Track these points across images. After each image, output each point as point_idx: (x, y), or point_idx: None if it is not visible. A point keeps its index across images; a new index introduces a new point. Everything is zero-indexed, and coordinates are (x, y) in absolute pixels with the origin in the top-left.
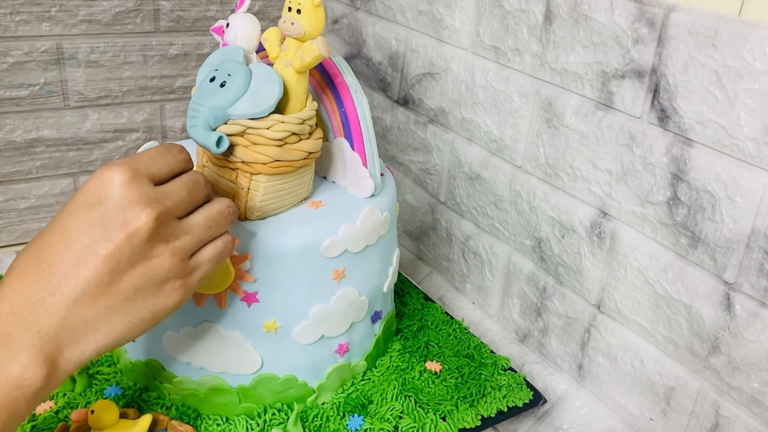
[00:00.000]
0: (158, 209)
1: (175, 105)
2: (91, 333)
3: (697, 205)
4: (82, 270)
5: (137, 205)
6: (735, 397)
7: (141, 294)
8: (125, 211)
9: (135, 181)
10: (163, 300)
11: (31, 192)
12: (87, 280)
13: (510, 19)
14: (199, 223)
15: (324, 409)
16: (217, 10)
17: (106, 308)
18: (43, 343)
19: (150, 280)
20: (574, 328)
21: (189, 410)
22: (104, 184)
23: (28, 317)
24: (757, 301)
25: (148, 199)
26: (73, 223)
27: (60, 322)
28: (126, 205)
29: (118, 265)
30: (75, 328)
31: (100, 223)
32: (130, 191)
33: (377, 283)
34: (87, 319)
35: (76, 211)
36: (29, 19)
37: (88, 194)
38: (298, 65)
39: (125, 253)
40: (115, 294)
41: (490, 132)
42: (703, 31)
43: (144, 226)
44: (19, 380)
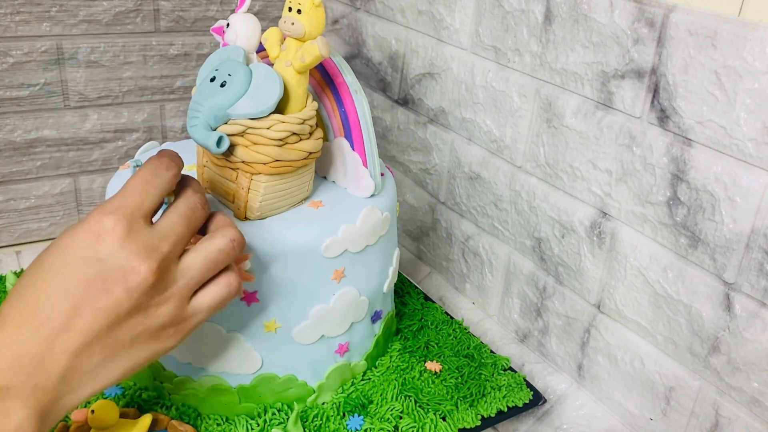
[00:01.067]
0: (157, 260)
1: (175, 105)
2: (87, 383)
3: (697, 205)
4: (81, 323)
5: (135, 258)
6: (735, 397)
7: (138, 342)
8: (124, 265)
9: (132, 232)
10: (158, 346)
11: (31, 192)
12: (85, 334)
13: (510, 19)
14: (196, 265)
15: (324, 409)
16: (217, 10)
17: (104, 359)
18: (39, 398)
19: (147, 329)
20: (574, 328)
21: (189, 410)
22: (100, 237)
23: (25, 371)
24: (757, 301)
25: (146, 250)
26: (69, 275)
27: (58, 376)
28: (124, 259)
29: (117, 317)
30: (72, 381)
31: (99, 278)
32: (127, 244)
33: (377, 283)
34: (84, 371)
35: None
36: (29, 19)
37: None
38: (298, 65)
39: (124, 307)
40: (113, 345)
41: (490, 132)
42: (703, 31)
43: (144, 281)
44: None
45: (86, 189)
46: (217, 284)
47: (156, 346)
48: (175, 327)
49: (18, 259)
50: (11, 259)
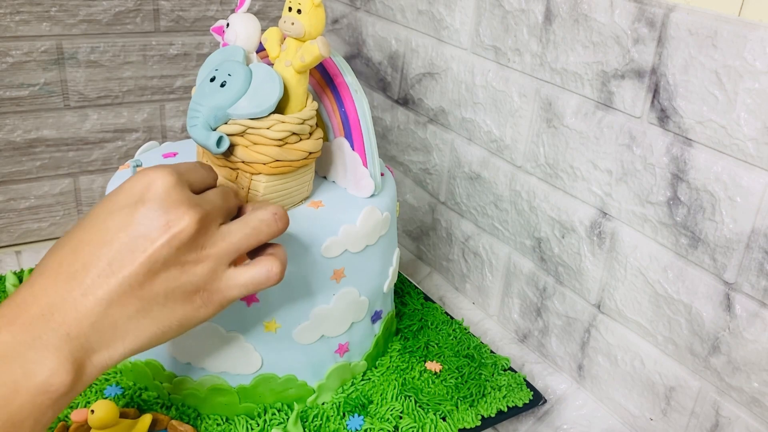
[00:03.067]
0: (201, 212)
1: (175, 105)
2: (120, 337)
3: (697, 205)
4: (118, 270)
5: (181, 206)
6: (735, 397)
7: (171, 300)
8: (169, 211)
9: (179, 185)
10: (190, 311)
11: (31, 192)
12: (122, 281)
13: (510, 19)
14: (236, 230)
15: (324, 409)
16: (217, 10)
17: (137, 311)
18: (72, 347)
19: (182, 286)
20: (574, 328)
21: (189, 410)
22: (148, 185)
23: (58, 320)
24: (757, 301)
25: (190, 202)
26: (112, 221)
27: (91, 326)
28: (170, 206)
29: (154, 266)
30: (105, 332)
31: (142, 223)
32: (174, 193)
33: (377, 283)
34: (117, 323)
35: (116, 210)
36: (29, 19)
37: (129, 194)
38: (298, 65)
39: (163, 255)
40: (147, 297)
41: (490, 132)
42: (703, 31)
43: (187, 228)
44: (46, 385)
45: (86, 189)
46: (257, 265)
47: (187, 310)
48: (208, 293)
49: (18, 259)
50: (11, 259)
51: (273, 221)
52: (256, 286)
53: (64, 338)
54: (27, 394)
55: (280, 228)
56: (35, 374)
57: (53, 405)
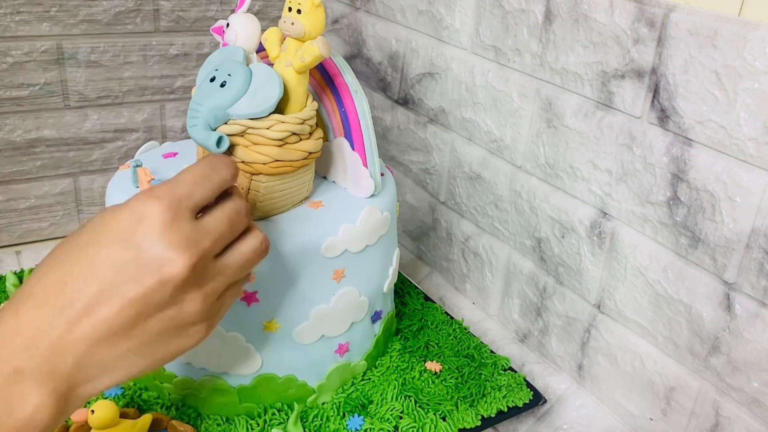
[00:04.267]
0: (197, 255)
1: (175, 105)
2: (107, 373)
3: (697, 205)
4: (106, 310)
5: (175, 250)
6: (735, 397)
7: (164, 337)
8: (162, 254)
9: (175, 222)
10: (185, 341)
11: (31, 192)
12: (110, 322)
13: (510, 19)
14: (233, 264)
15: (324, 409)
16: (217, 10)
17: (126, 350)
18: (56, 383)
19: (176, 325)
20: (574, 328)
21: (189, 410)
22: (141, 221)
23: (43, 354)
24: (757, 301)
25: (187, 243)
26: (101, 257)
27: (75, 363)
28: (163, 248)
29: (145, 309)
30: (90, 369)
31: (132, 264)
32: (168, 233)
33: (377, 283)
34: (104, 361)
35: (106, 245)
36: (29, 19)
37: (121, 229)
38: (298, 65)
39: (155, 299)
40: (138, 337)
41: (490, 132)
42: (703, 31)
43: (180, 274)
44: (28, 420)
45: (86, 189)
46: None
47: (183, 342)
48: (205, 323)
49: (18, 259)
50: (11, 259)
51: (261, 250)
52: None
53: (48, 374)
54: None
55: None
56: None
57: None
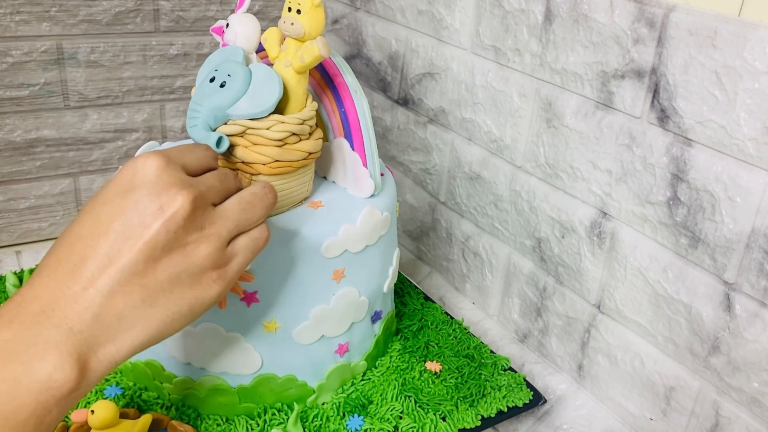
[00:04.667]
0: (194, 192)
1: (175, 105)
2: (126, 329)
3: (697, 205)
4: (117, 259)
5: (172, 188)
6: (735, 397)
7: (177, 285)
8: (161, 195)
9: (169, 167)
10: (200, 292)
11: (31, 192)
12: (122, 270)
13: (510, 19)
14: (233, 207)
15: (324, 409)
16: (217, 10)
17: (142, 300)
18: (75, 341)
19: (186, 270)
20: (574, 328)
21: (189, 410)
22: (137, 170)
23: (59, 314)
24: (757, 301)
25: (182, 183)
26: (105, 212)
27: (93, 318)
28: (161, 189)
29: (153, 252)
30: (109, 324)
31: (135, 209)
32: (164, 176)
33: (377, 283)
34: (122, 314)
35: (108, 200)
36: (29, 19)
37: (121, 183)
38: (298, 65)
39: (161, 240)
40: (151, 285)
41: (490, 132)
42: (703, 31)
43: (180, 209)
44: (49, 382)
45: (86, 189)
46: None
47: (197, 293)
48: (216, 271)
49: (18, 259)
50: (11, 259)
51: (264, 193)
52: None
53: (66, 333)
54: (29, 391)
55: (271, 200)
56: (37, 371)
57: (58, 404)
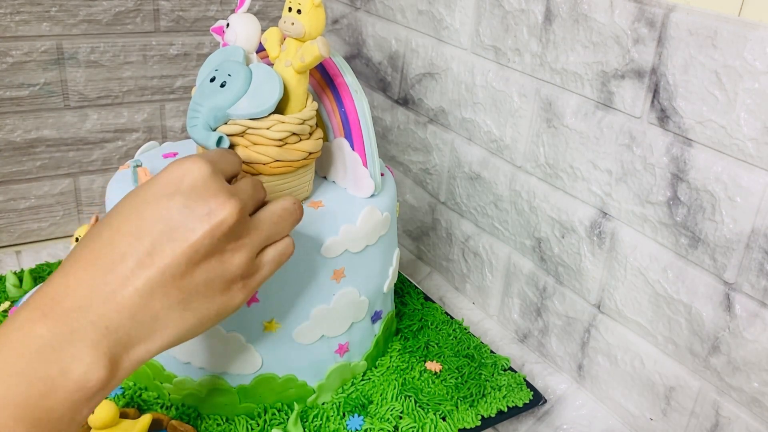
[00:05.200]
0: (240, 203)
1: (175, 105)
2: (159, 329)
3: (697, 205)
4: (159, 260)
5: (220, 196)
6: (735, 397)
7: (211, 290)
8: (209, 201)
9: (216, 174)
10: (228, 299)
11: (31, 192)
12: (163, 271)
13: (510, 19)
14: (266, 219)
15: (324, 409)
16: (217, 10)
17: (178, 303)
18: (110, 340)
19: (221, 276)
20: (574, 328)
21: (189, 410)
22: (186, 174)
23: (96, 311)
24: (757, 301)
25: (229, 191)
26: (149, 211)
27: (130, 317)
28: (210, 195)
29: (195, 256)
30: (144, 324)
31: (181, 213)
32: (211, 183)
33: (377, 283)
34: (158, 314)
35: (153, 200)
36: (29, 19)
37: (167, 184)
38: (298, 65)
39: (205, 245)
40: (188, 287)
41: (490, 132)
42: (703, 31)
43: (228, 217)
44: (83, 382)
45: (86, 189)
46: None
47: (226, 299)
48: (243, 280)
49: (18, 259)
50: (11, 259)
51: (293, 210)
52: (281, 257)
53: (102, 331)
54: (64, 390)
55: (298, 217)
56: (72, 370)
57: (88, 402)
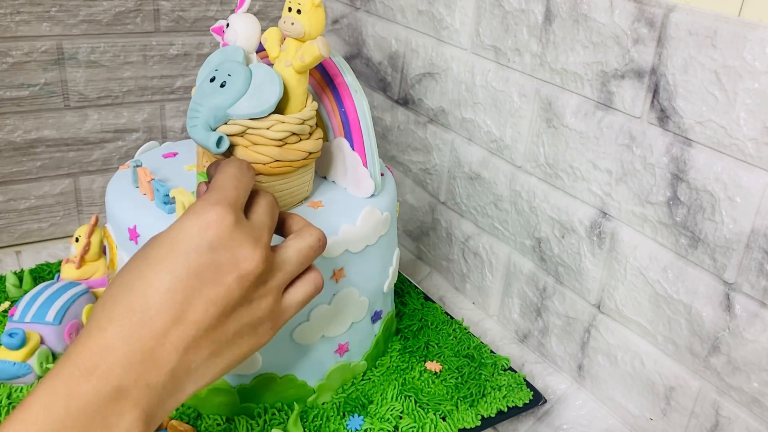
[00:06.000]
0: (265, 250)
1: (175, 105)
2: (193, 382)
3: (697, 205)
4: (191, 315)
5: (245, 246)
6: (735, 397)
7: (240, 337)
8: (236, 253)
9: (239, 222)
10: (256, 341)
11: (31, 192)
12: (197, 326)
13: (510, 19)
14: (292, 260)
15: (324, 409)
16: (217, 10)
17: (211, 353)
18: (150, 397)
19: (249, 323)
20: (574, 328)
21: (189, 410)
22: (209, 226)
23: (138, 369)
24: (757, 301)
25: (254, 239)
26: (180, 265)
27: (168, 373)
28: (237, 247)
29: (227, 308)
30: (180, 379)
31: (210, 267)
32: (237, 233)
33: (377, 283)
34: (191, 367)
35: (181, 253)
36: (29, 19)
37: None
38: (298, 65)
39: (235, 297)
40: (220, 339)
41: (490, 132)
42: (703, 31)
43: (256, 268)
44: None
45: (86, 189)
46: (305, 281)
47: (253, 342)
48: (271, 321)
49: (18, 259)
50: (11, 259)
51: (319, 247)
52: (308, 300)
53: (143, 390)
54: None
55: (322, 252)
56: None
57: None
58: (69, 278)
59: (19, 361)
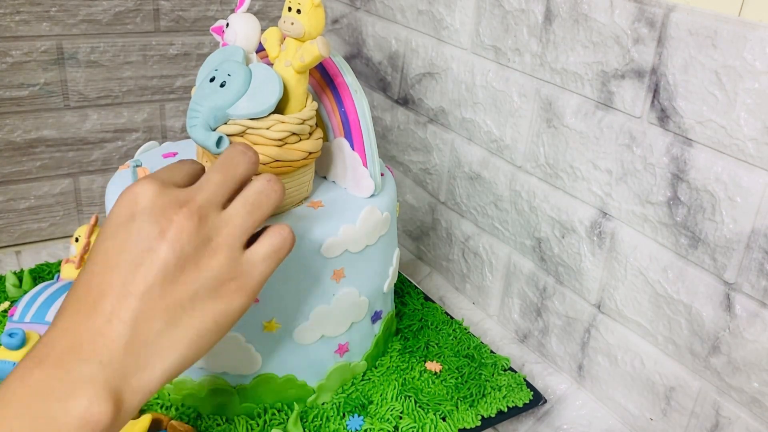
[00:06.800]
0: (191, 208)
1: (175, 105)
2: (155, 355)
3: (697, 205)
4: (133, 287)
5: (169, 209)
6: (735, 397)
7: (198, 301)
8: (159, 219)
9: (162, 188)
10: (222, 305)
11: (31, 192)
12: (140, 297)
13: (510, 19)
14: (237, 211)
15: (324, 409)
16: (217, 10)
17: (166, 324)
18: (106, 375)
19: (203, 285)
20: (574, 328)
21: (189, 410)
22: (134, 198)
23: (87, 349)
24: (757, 301)
25: (178, 201)
26: (111, 245)
27: (121, 348)
28: (159, 213)
29: (166, 274)
30: (137, 353)
31: (138, 237)
32: (159, 199)
33: (377, 283)
34: (148, 340)
35: (112, 233)
36: (29, 19)
37: (120, 214)
38: (297, 65)
39: (171, 261)
40: (172, 306)
41: (490, 132)
42: (703, 31)
43: (181, 229)
44: (86, 416)
45: (86, 189)
46: (269, 233)
47: (220, 306)
48: (235, 281)
49: (18, 259)
50: (11, 259)
51: (269, 188)
52: (277, 254)
53: (96, 367)
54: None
55: (279, 193)
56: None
57: None
58: (69, 278)
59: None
